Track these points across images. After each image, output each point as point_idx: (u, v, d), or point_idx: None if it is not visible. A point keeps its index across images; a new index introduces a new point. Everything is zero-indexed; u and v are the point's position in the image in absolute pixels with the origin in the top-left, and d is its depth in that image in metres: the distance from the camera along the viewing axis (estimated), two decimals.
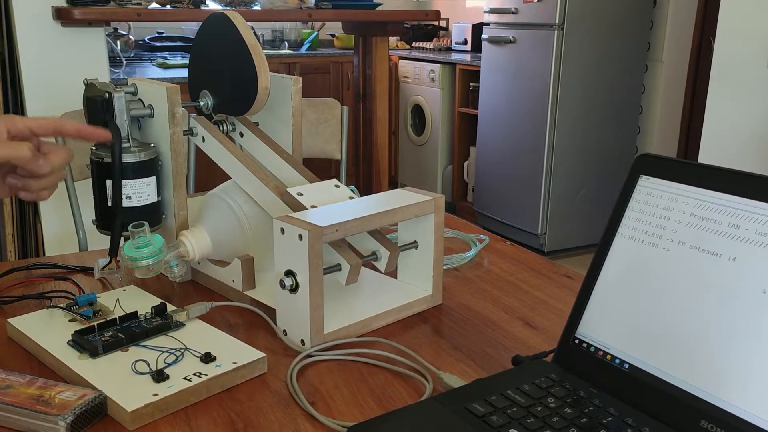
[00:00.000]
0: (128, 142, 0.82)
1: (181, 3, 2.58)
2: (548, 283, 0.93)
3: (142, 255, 0.76)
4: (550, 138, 3.26)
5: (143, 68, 3.51)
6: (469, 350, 0.74)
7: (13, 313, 0.79)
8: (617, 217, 0.64)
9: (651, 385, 0.57)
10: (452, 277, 0.95)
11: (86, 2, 2.37)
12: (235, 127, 0.94)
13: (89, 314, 0.76)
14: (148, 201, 0.84)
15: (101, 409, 0.60)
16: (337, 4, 2.83)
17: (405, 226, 0.84)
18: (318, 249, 0.70)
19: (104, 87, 0.82)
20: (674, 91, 3.45)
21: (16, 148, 0.63)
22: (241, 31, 0.87)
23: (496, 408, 0.58)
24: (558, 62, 3.16)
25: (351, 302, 0.82)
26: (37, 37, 2.42)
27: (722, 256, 0.55)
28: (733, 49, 2.33)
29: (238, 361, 0.67)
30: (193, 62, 0.95)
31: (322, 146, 1.92)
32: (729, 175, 0.57)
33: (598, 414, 0.57)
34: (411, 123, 4.34)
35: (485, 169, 3.70)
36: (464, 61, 3.84)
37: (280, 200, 0.81)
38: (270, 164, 0.91)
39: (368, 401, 0.64)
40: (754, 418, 0.51)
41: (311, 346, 0.72)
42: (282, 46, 4.32)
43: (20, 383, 0.61)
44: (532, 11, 3.25)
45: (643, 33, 3.35)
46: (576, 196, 3.41)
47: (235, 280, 0.84)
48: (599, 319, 0.63)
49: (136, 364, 0.66)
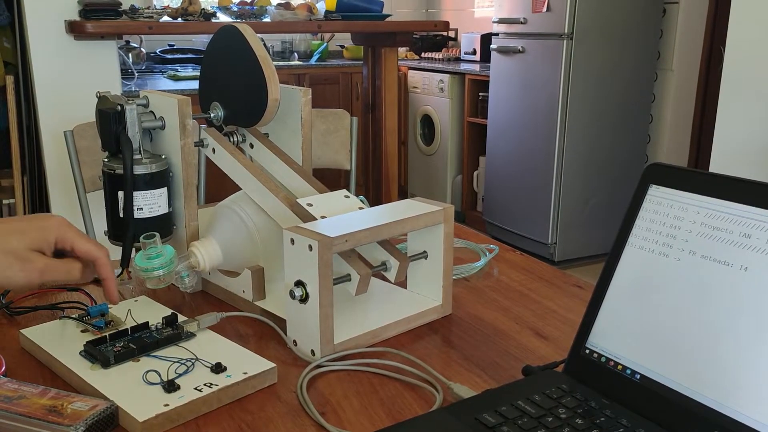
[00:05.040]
0: (140, 153, 0.83)
1: (192, 16, 2.60)
2: (558, 293, 0.93)
3: (154, 266, 0.77)
4: (559, 147, 3.25)
5: (154, 80, 3.53)
6: (479, 360, 0.74)
7: (26, 323, 0.80)
8: (627, 226, 0.64)
9: (662, 395, 0.57)
10: (462, 287, 0.94)
11: (98, 16, 2.40)
12: (245, 138, 0.95)
13: (101, 325, 0.76)
14: (160, 212, 0.85)
15: (113, 420, 0.60)
16: (346, 15, 2.85)
17: (414, 236, 0.84)
18: (328, 259, 0.70)
19: (116, 99, 0.83)
20: (684, 99, 3.44)
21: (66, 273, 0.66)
22: (251, 44, 0.88)
23: (507, 419, 0.57)
24: (567, 72, 3.16)
25: (361, 312, 0.82)
26: (50, 51, 2.45)
27: (733, 266, 0.55)
28: (743, 58, 2.33)
29: (249, 372, 0.67)
30: (203, 74, 0.96)
31: (331, 157, 1.93)
32: (740, 184, 0.57)
33: (610, 425, 0.56)
34: (420, 133, 4.34)
35: (495, 178, 3.70)
36: (473, 71, 3.85)
37: (290, 211, 0.81)
38: (280, 175, 0.92)
39: (378, 412, 0.64)
40: (766, 429, 0.50)
41: (321, 357, 0.72)
42: (292, 57, 4.35)
43: (33, 393, 0.62)
44: (541, 21, 3.25)
45: (653, 42, 3.35)
46: (586, 206, 3.40)
47: (246, 291, 0.85)
48: (610, 329, 0.63)
49: (147, 374, 0.66)
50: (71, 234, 0.67)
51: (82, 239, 0.67)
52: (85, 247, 0.67)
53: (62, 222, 0.67)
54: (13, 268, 0.63)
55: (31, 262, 0.64)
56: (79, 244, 0.67)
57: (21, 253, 0.63)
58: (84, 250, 0.67)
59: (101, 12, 2.40)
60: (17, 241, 0.64)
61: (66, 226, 0.67)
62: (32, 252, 0.64)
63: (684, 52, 3.38)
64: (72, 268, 0.67)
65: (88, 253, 0.67)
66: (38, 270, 0.64)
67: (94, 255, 0.67)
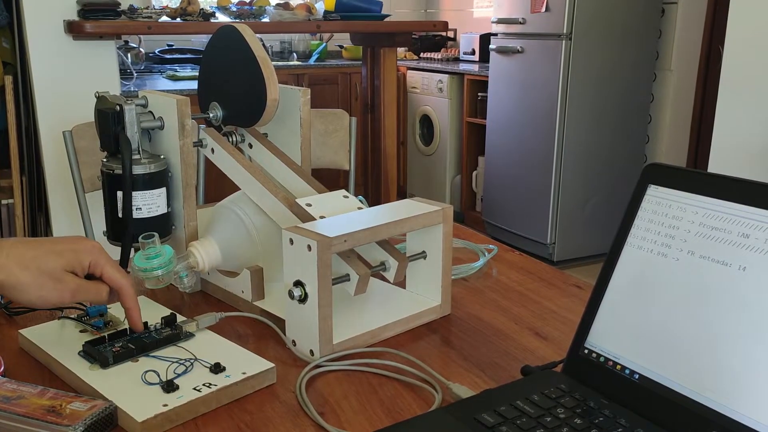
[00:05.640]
0: (139, 153, 0.83)
1: (191, 16, 2.60)
2: (557, 293, 0.93)
3: (153, 266, 0.77)
4: (558, 147, 3.25)
5: (153, 80, 3.53)
6: (478, 360, 0.74)
7: (25, 324, 0.80)
8: (626, 226, 0.64)
9: (661, 395, 0.57)
10: (461, 287, 0.94)
11: (97, 16, 2.40)
12: (244, 138, 0.95)
13: (100, 325, 0.76)
14: (158, 212, 0.85)
15: (112, 420, 0.60)
16: (345, 15, 2.85)
17: (413, 236, 0.84)
18: (327, 259, 0.70)
19: (115, 99, 0.83)
20: (683, 99, 3.44)
21: (96, 294, 0.69)
22: (250, 44, 0.88)
23: (506, 419, 0.57)
24: (566, 72, 3.16)
25: (360, 312, 0.82)
26: (48, 51, 2.44)
27: (732, 266, 0.55)
28: (742, 58, 2.33)
29: (248, 372, 0.67)
30: (202, 74, 0.96)
31: (330, 157, 1.93)
32: (739, 185, 0.57)
33: (609, 424, 0.57)
34: (419, 133, 4.34)
35: (494, 178, 3.70)
36: (472, 71, 3.85)
37: (289, 211, 0.81)
38: (279, 175, 0.92)
39: (377, 412, 0.64)
40: (765, 429, 0.50)
41: (320, 357, 0.72)
42: (291, 57, 4.35)
43: (31, 394, 0.62)
44: (540, 21, 3.26)
45: (652, 42, 3.35)
46: (585, 206, 3.40)
47: (245, 291, 0.85)
48: (609, 329, 0.63)
49: (146, 374, 0.66)
50: (103, 260, 0.70)
51: (112, 267, 0.70)
52: (113, 275, 0.70)
53: (96, 247, 0.70)
54: (47, 287, 0.66)
55: (65, 283, 0.67)
56: (109, 271, 0.70)
57: (56, 273, 0.67)
58: (111, 278, 0.70)
59: (100, 12, 2.40)
60: (54, 262, 0.67)
61: (99, 251, 0.70)
62: (66, 273, 0.67)
63: (683, 52, 3.38)
64: (101, 291, 0.70)
65: (114, 281, 0.70)
66: (70, 291, 0.67)
67: (119, 283, 0.70)
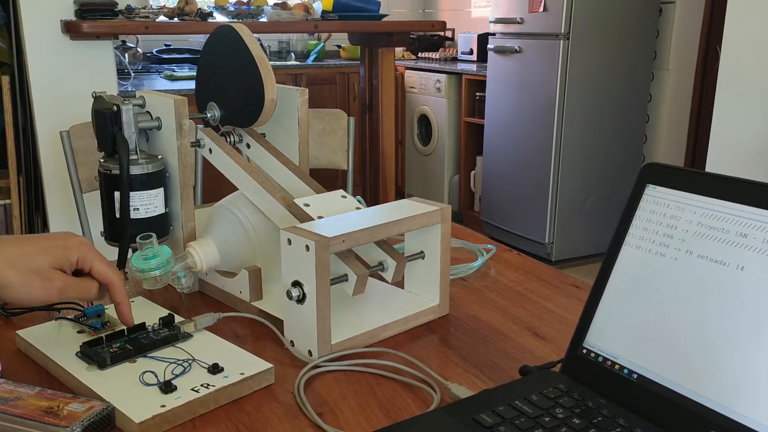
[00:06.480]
0: (136, 154, 0.83)
1: (189, 16, 2.60)
2: (556, 293, 0.93)
3: (150, 266, 0.77)
4: (556, 147, 3.25)
5: (151, 80, 3.53)
6: (476, 360, 0.74)
7: (22, 325, 0.80)
8: (624, 226, 0.64)
9: (660, 395, 0.57)
10: (459, 287, 0.94)
11: (95, 16, 2.39)
12: (242, 138, 0.95)
13: (97, 326, 0.76)
14: (156, 212, 0.85)
15: (109, 421, 0.60)
16: (343, 15, 2.85)
17: (412, 236, 0.84)
18: (325, 260, 0.70)
19: (112, 99, 0.83)
20: (681, 99, 3.45)
21: (84, 291, 0.69)
22: (247, 43, 0.88)
23: (504, 418, 0.57)
24: (564, 71, 3.16)
25: (358, 313, 0.82)
26: (46, 51, 2.44)
27: (730, 265, 0.55)
28: (739, 57, 2.33)
29: (246, 372, 0.67)
30: (200, 74, 0.96)
31: (328, 157, 1.93)
32: (736, 184, 0.57)
33: (607, 424, 0.56)
34: (417, 133, 4.34)
35: (492, 178, 3.70)
36: (470, 71, 3.85)
37: (287, 211, 0.81)
38: (277, 175, 0.92)
39: (376, 412, 0.64)
40: (763, 429, 0.51)
41: (318, 357, 0.72)
42: (288, 57, 4.34)
43: (29, 395, 0.61)
44: (537, 21, 3.26)
45: (649, 42, 3.35)
46: (583, 206, 3.40)
47: (243, 291, 0.85)
48: (607, 329, 0.63)
49: (143, 375, 0.66)
50: (92, 255, 0.69)
51: (101, 262, 0.69)
52: (101, 269, 0.69)
53: (84, 242, 0.69)
54: (34, 285, 0.65)
55: (52, 281, 0.66)
56: (97, 267, 0.69)
57: (43, 271, 0.66)
58: (100, 272, 0.69)
59: (97, 12, 2.39)
60: (41, 260, 0.66)
61: (87, 246, 0.69)
62: (54, 270, 0.67)
63: (680, 52, 3.39)
64: (90, 288, 0.69)
65: (104, 276, 0.69)
66: (58, 288, 0.66)
67: (109, 278, 0.70)
